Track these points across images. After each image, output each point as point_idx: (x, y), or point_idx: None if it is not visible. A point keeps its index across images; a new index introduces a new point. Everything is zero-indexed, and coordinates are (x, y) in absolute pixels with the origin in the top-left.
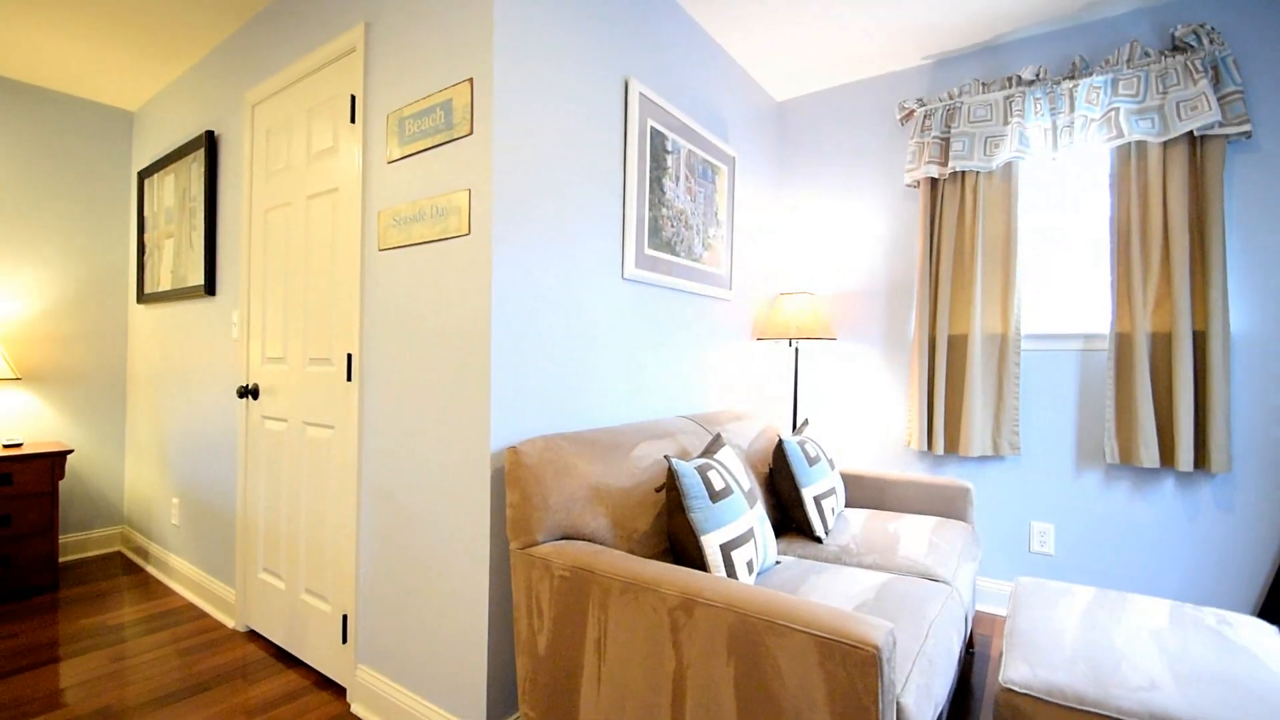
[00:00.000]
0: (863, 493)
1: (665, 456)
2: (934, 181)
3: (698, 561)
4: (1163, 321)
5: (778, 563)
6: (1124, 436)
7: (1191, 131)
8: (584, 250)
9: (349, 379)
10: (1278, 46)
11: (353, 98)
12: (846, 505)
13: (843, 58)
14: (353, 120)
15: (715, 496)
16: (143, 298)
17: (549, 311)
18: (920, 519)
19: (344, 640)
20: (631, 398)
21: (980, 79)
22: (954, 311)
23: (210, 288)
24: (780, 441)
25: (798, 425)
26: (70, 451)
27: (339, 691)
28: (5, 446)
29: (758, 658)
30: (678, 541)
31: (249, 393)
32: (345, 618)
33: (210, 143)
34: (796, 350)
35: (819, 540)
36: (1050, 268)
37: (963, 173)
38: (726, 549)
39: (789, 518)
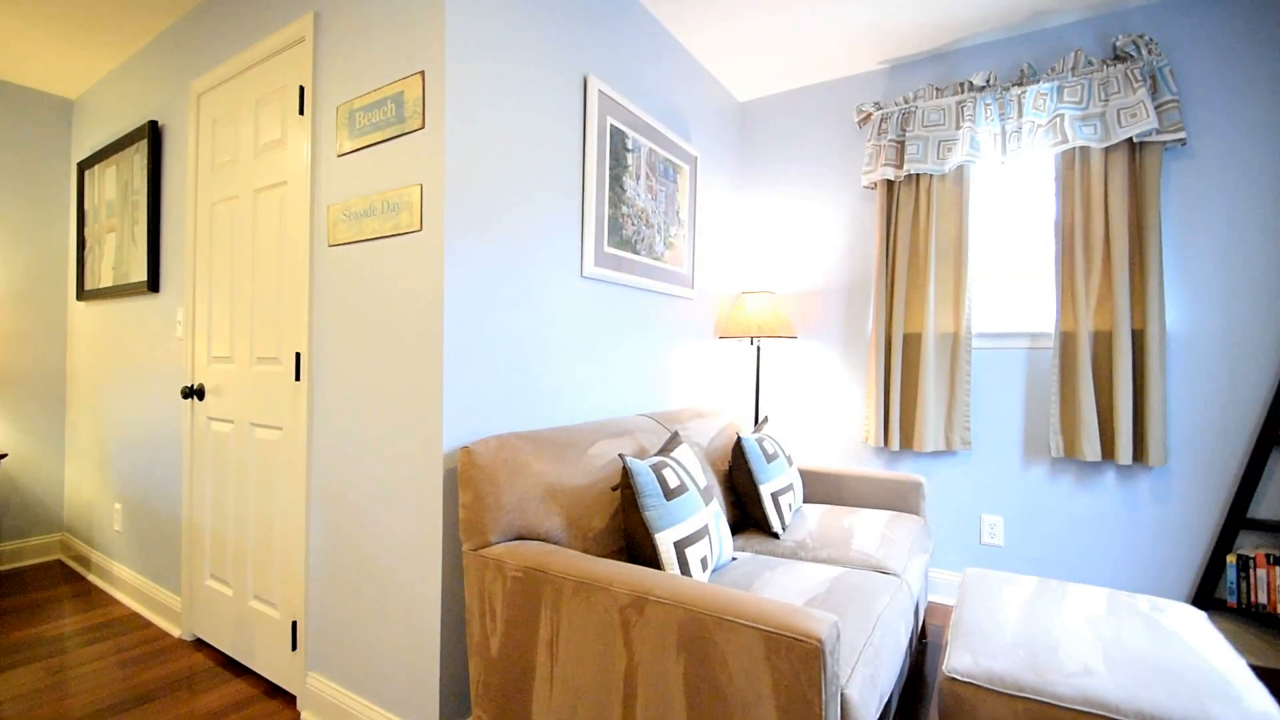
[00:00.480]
0: (821, 488)
1: (620, 455)
2: (890, 183)
3: (652, 559)
4: (1104, 320)
5: (734, 559)
6: (1068, 431)
7: (1131, 138)
8: (542, 248)
9: (298, 378)
10: (1209, 58)
11: (301, 89)
12: (805, 501)
13: (803, 60)
14: (301, 112)
15: (670, 494)
16: (83, 294)
17: (505, 309)
18: (875, 513)
19: (294, 647)
20: (592, 396)
21: (934, 84)
22: (909, 310)
23: (154, 284)
24: (739, 439)
25: (758, 423)
26: (4, 456)
27: (289, 700)
28: None
29: (706, 653)
30: (633, 540)
31: (194, 393)
32: (295, 624)
33: (154, 133)
34: (759, 349)
35: (776, 536)
36: (1000, 268)
37: (917, 175)
38: (681, 546)
39: (747, 514)
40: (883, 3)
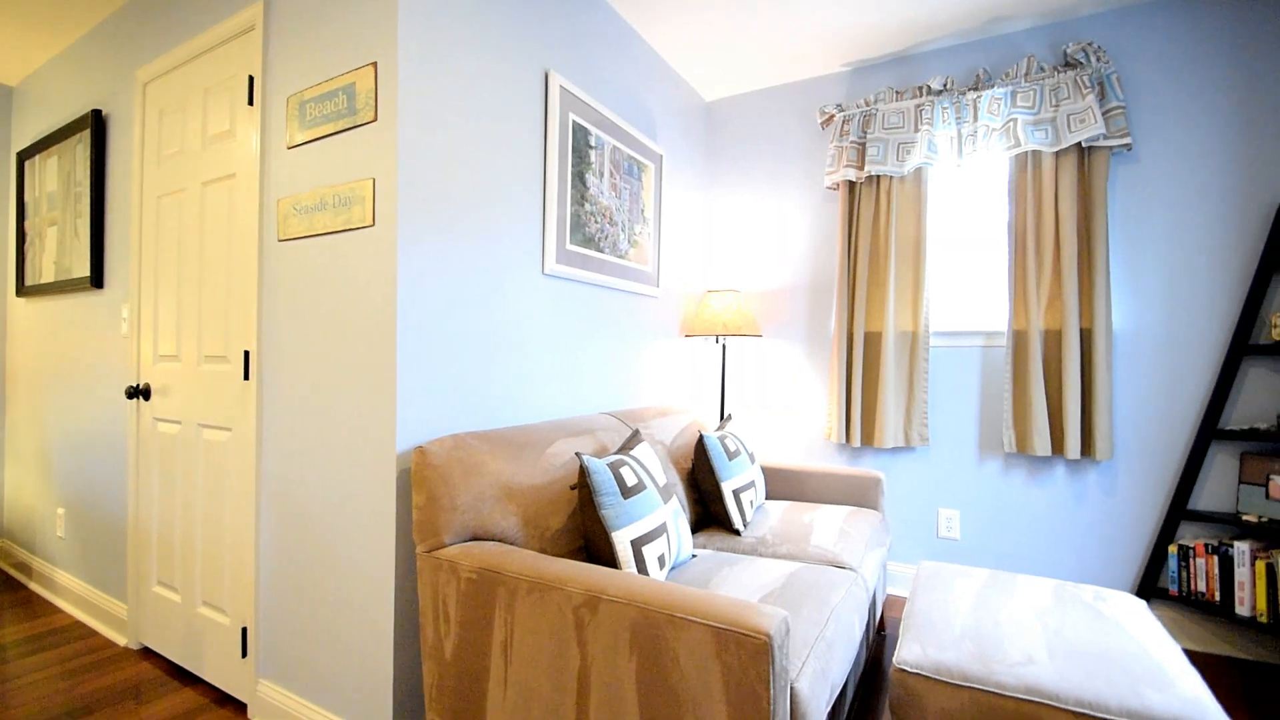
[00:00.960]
0: (784, 485)
1: (577, 454)
2: (852, 184)
3: (609, 558)
4: (1054, 319)
5: (694, 556)
6: (1020, 427)
7: (1080, 143)
8: (501, 245)
9: (246, 377)
10: (1154, 66)
11: (250, 78)
12: (769, 497)
13: (769, 60)
14: (250, 102)
15: (627, 492)
16: (23, 290)
17: (462, 307)
18: (835, 509)
19: (244, 654)
20: (554, 395)
21: (894, 87)
22: (870, 310)
23: (97, 280)
24: (701, 437)
25: (722, 421)
26: None
27: (239, 708)
28: None
29: (659, 651)
30: (591, 539)
31: (139, 393)
32: (245, 630)
33: (98, 123)
34: (724, 347)
35: (738, 533)
36: (956, 269)
37: (878, 177)
38: (638, 544)
39: (710, 512)
40: (846, 4)
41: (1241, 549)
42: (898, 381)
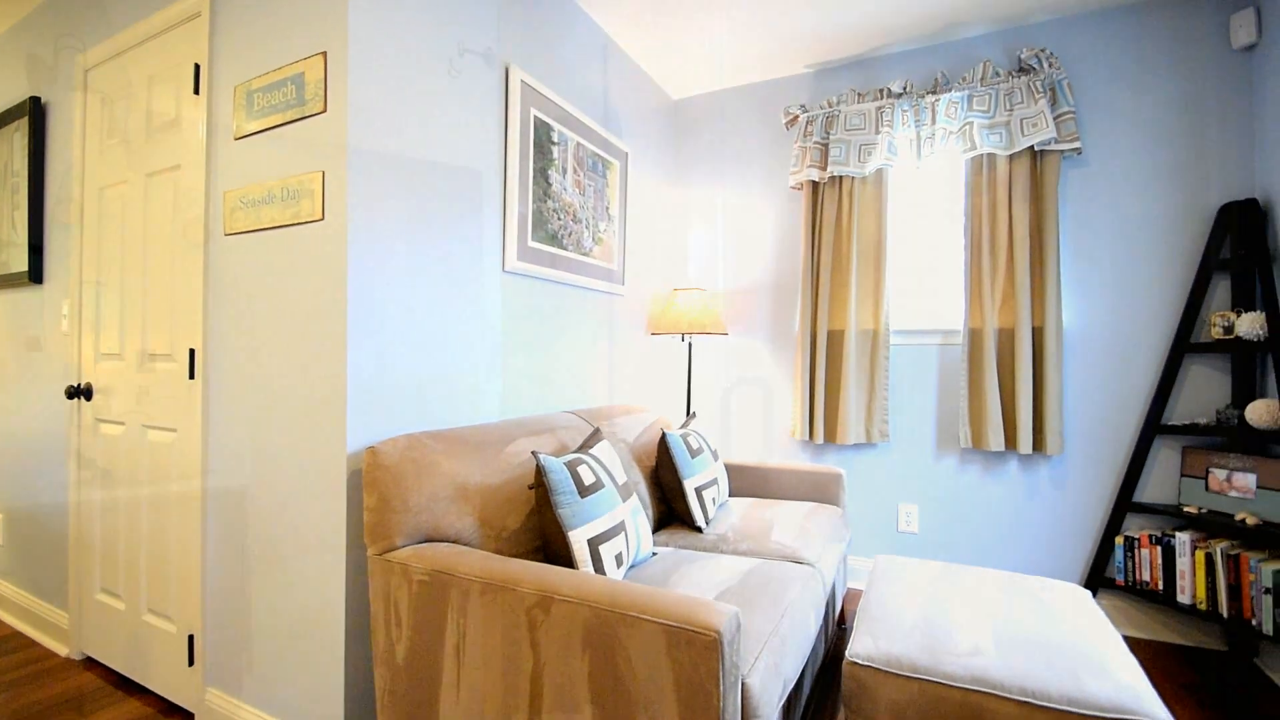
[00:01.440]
0: (748, 482)
1: (533, 452)
2: (815, 185)
3: (566, 558)
4: (1008, 318)
5: (654, 554)
6: (975, 423)
7: (1033, 146)
8: (458, 242)
9: (191, 376)
10: (1101, 74)
11: (196, 66)
12: (732, 494)
13: (735, 60)
14: (196, 92)
15: (584, 491)
16: None
17: (420, 305)
18: (796, 505)
19: (190, 662)
20: (514, 394)
21: (856, 89)
22: (833, 309)
23: (36, 275)
24: (664, 434)
25: (687, 419)
26: None
27: (186, 718)
28: None
29: (611, 650)
30: (547, 538)
31: (80, 393)
32: (191, 638)
33: (36, 111)
34: (690, 345)
35: (699, 530)
36: (916, 269)
37: (840, 177)
38: (595, 544)
39: (673, 509)
40: (810, 6)
41: (1183, 539)
42: (859, 379)
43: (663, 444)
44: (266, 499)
